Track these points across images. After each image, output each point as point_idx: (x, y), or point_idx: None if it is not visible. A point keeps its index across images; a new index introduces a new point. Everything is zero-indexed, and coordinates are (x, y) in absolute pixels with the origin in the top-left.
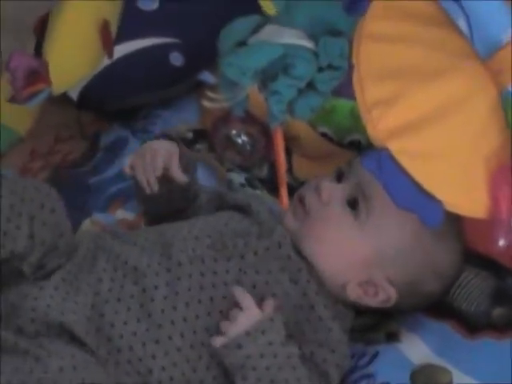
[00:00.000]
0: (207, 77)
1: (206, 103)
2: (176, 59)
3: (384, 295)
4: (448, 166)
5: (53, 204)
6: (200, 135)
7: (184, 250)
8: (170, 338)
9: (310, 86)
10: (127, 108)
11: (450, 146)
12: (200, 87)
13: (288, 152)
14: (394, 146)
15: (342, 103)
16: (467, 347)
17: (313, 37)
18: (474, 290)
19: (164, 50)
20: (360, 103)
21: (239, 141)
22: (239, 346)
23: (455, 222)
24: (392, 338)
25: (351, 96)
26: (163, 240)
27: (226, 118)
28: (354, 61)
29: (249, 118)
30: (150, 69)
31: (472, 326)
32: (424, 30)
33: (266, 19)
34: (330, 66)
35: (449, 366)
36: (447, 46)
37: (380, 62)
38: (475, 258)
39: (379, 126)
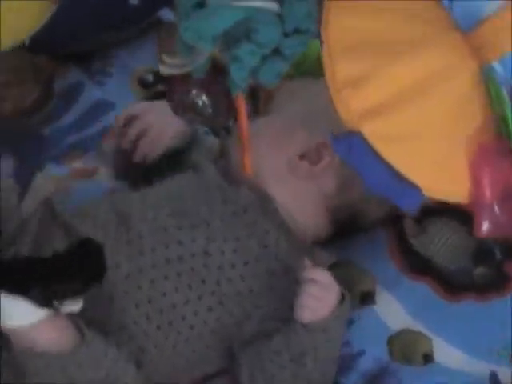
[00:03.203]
0: (167, 15)
1: (163, 69)
2: None
3: (328, 153)
4: (426, 148)
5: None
6: (160, 77)
7: (144, 220)
8: (135, 322)
9: (276, 51)
10: (83, 50)
11: (428, 126)
12: (159, 26)
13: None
14: (367, 129)
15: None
16: (447, 311)
17: None
18: (455, 247)
19: None
20: (330, 82)
21: (199, 102)
22: (324, 330)
23: None
24: (367, 299)
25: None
26: (119, 209)
27: (185, 77)
28: (323, 36)
29: (210, 78)
30: (107, 8)
31: (453, 285)
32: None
33: None
34: (297, 30)
35: (428, 332)
36: (424, 16)
37: (351, 36)
38: (456, 213)
39: (351, 106)
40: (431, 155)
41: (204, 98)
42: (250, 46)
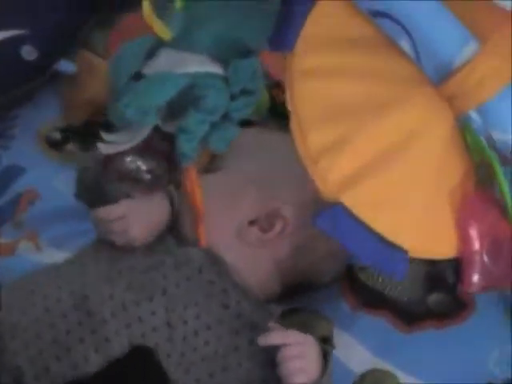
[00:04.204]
0: (66, 66)
1: (104, 148)
2: (28, 53)
3: (280, 221)
4: (409, 209)
5: None
6: (69, 133)
7: (102, 302)
8: None
9: (224, 116)
10: None
11: (410, 185)
12: (58, 78)
13: None
14: (348, 198)
15: None
16: (407, 343)
17: (219, 59)
18: (405, 276)
19: (13, 44)
20: (303, 153)
21: (135, 168)
22: None
23: None
24: (326, 344)
25: None
26: (74, 288)
27: None
28: (290, 105)
29: (146, 143)
30: (1, 67)
31: (409, 316)
32: (364, 58)
33: (160, 41)
34: (244, 92)
35: (391, 368)
36: (392, 73)
37: (319, 103)
38: None
39: (330, 177)
40: (415, 215)
41: (139, 163)
42: (199, 114)
